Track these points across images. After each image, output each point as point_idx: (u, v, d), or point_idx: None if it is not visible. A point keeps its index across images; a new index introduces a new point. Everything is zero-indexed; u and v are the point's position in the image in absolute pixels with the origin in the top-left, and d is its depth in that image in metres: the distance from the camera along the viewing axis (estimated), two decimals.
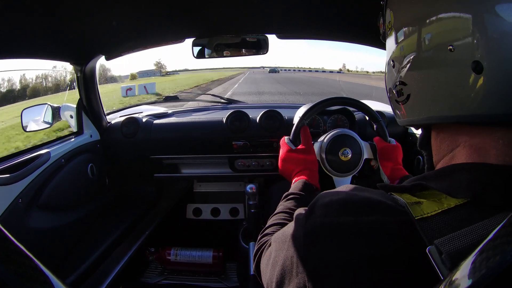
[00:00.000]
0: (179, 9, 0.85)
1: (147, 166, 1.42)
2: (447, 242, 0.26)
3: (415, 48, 0.35)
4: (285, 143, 0.84)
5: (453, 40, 0.30)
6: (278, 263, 0.40)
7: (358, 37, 1.14)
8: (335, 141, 0.93)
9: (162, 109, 1.67)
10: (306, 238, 0.35)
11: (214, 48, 1.12)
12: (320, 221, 0.34)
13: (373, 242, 0.30)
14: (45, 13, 0.72)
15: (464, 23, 0.30)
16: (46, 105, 1.25)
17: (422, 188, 0.33)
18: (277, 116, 1.31)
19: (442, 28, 0.32)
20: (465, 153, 0.33)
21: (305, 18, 0.96)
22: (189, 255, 1.46)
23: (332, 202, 0.35)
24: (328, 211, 0.34)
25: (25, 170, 0.96)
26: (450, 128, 0.35)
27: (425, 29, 0.33)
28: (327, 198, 0.36)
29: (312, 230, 0.35)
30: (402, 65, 0.37)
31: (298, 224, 0.38)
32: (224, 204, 1.85)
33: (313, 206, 0.37)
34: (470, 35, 0.29)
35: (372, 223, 0.31)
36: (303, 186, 0.69)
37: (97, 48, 1.17)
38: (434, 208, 0.30)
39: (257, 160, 1.38)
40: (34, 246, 0.97)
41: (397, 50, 0.39)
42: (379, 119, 0.96)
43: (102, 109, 1.39)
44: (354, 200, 0.34)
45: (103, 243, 1.20)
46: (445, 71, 0.32)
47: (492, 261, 0.18)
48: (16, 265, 0.16)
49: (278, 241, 0.43)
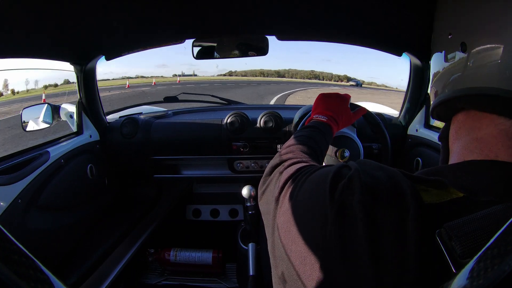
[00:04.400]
0: (180, 9, 0.85)
1: (147, 166, 1.42)
2: (457, 226, 0.26)
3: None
4: (350, 97, 0.81)
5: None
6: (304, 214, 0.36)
7: (358, 38, 1.14)
8: (334, 142, 0.94)
9: (161, 110, 1.67)
10: (337, 216, 0.31)
11: (214, 49, 1.12)
12: (357, 199, 0.31)
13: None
14: (45, 13, 0.72)
15: None
16: (46, 104, 1.25)
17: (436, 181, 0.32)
18: (277, 117, 1.31)
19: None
20: (478, 148, 0.33)
21: (305, 19, 0.96)
22: (189, 256, 1.46)
23: (373, 184, 0.32)
24: (366, 192, 0.31)
25: (24, 170, 0.96)
26: (467, 120, 0.36)
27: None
28: (369, 177, 0.33)
29: (344, 208, 0.31)
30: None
31: (332, 191, 0.33)
32: (224, 205, 1.85)
33: (352, 180, 0.33)
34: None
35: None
36: (323, 126, 0.67)
37: (97, 48, 1.17)
38: (442, 197, 0.30)
39: (257, 161, 1.38)
40: (34, 246, 0.97)
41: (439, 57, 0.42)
42: (378, 121, 0.96)
43: (102, 109, 1.39)
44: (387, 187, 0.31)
45: (103, 243, 1.20)
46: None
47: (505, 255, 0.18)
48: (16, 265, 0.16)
49: (308, 185, 0.38)
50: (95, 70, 1.29)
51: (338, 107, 0.75)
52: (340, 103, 0.77)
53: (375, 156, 1.07)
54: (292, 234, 0.35)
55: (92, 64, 1.25)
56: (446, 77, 0.38)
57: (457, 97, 0.35)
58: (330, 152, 0.93)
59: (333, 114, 0.72)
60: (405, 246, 0.28)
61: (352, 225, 0.30)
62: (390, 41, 1.09)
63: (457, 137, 0.38)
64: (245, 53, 1.13)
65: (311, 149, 0.57)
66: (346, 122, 0.77)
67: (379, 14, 0.87)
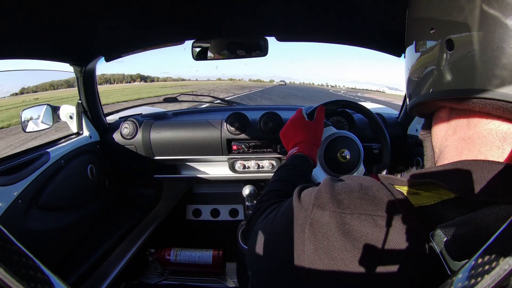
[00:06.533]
0: (179, 10, 0.85)
1: (147, 167, 1.42)
2: (450, 227, 0.25)
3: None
4: (301, 111, 0.83)
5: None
6: (279, 242, 0.39)
7: (358, 40, 1.14)
8: (334, 143, 0.94)
9: (161, 110, 1.68)
10: (311, 228, 0.33)
11: (214, 50, 1.12)
12: (329, 215, 0.32)
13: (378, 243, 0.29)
14: (45, 14, 0.72)
15: None
16: (46, 105, 1.25)
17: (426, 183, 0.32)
18: (276, 118, 1.31)
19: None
20: (467, 149, 0.33)
21: (304, 20, 0.96)
22: (189, 255, 1.46)
23: (341, 196, 0.33)
24: (337, 205, 0.33)
25: (25, 171, 0.96)
26: (452, 118, 0.36)
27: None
28: (338, 190, 0.34)
29: (318, 222, 0.33)
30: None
31: (303, 208, 0.36)
32: (224, 205, 1.85)
33: (321, 194, 0.35)
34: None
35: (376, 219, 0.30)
36: (300, 160, 0.69)
37: (97, 49, 1.17)
38: (433, 199, 0.30)
39: (257, 162, 1.38)
40: (34, 246, 0.97)
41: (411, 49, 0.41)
42: (378, 121, 0.96)
43: (102, 109, 1.39)
44: (364, 198, 0.32)
45: (103, 244, 1.20)
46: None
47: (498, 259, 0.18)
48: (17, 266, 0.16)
49: (279, 217, 0.41)
50: (95, 71, 1.29)
51: (298, 132, 0.78)
52: (297, 127, 0.79)
53: (375, 156, 1.07)
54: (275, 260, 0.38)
55: (92, 65, 1.25)
56: (427, 75, 0.35)
57: (443, 98, 0.34)
58: (331, 154, 0.93)
59: (299, 141, 0.75)
60: (392, 253, 0.29)
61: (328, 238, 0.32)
62: (390, 42, 1.09)
63: (443, 135, 0.37)
64: (244, 54, 1.13)
65: (282, 186, 0.60)
66: (315, 135, 0.78)
67: (379, 15, 0.88)
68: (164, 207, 1.66)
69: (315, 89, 42.55)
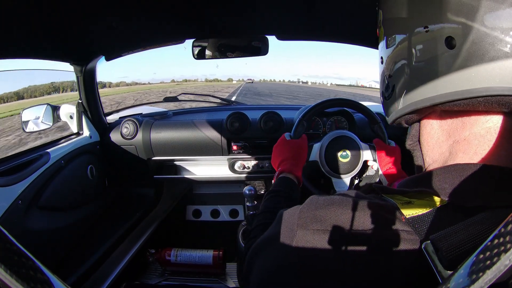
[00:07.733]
0: (180, 10, 0.85)
1: (147, 167, 1.42)
2: (443, 237, 0.25)
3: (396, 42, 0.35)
4: (283, 135, 0.86)
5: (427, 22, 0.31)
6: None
7: (358, 39, 1.14)
8: (334, 143, 0.94)
9: (161, 110, 1.67)
10: (300, 250, 0.33)
11: (214, 49, 1.12)
12: (312, 234, 0.32)
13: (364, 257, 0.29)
14: (45, 13, 0.72)
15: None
16: (46, 105, 1.25)
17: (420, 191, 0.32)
18: (277, 118, 1.31)
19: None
20: (462, 151, 0.32)
21: (305, 19, 0.96)
22: (189, 256, 1.46)
23: (321, 217, 0.33)
24: (320, 224, 0.32)
25: (25, 171, 0.96)
26: (444, 122, 0.34)
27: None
28: (318, 211, 0.34)
29: (303, 241, 0.33)
30: (386, 59, 0.38)
31: (287, 230, 0.35)
32: (224, 206, 1.84)
33: (303, 215, 0.34)
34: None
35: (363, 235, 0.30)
36: (284, 182, 0.70)
37: (97, 49, 1.17)
38: (426, 207, 0.29)
39: (257, 162, 1.38)
40: (35, 247, 0.97)
41: (382, 46, 0.39)
42: (378, 120, 0.96)
43: (102, 109, 1.39)
44: (341, 219, 0.32)
45: (103, 244, 1.20)
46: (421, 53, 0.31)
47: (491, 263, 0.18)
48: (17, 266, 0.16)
49: (264, 243, 0.41)
50: (95, 70, 1.29)
51: (280, 152, 0.80)
52: (279, 148, 0.81)
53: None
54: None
55: (92, 65, 1.25)
56: (423, 78, 0.32)
57: (442, 102, 0.31)
58: (331, 154, 0.93)
59: (281, 160, 0.77)
60: (381, 265, 0.28)
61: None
62: None
63: (434, 142, 0.36)
64: (245, 53, 1.13)
65: (269, 217, 0.60)
66: (297, 151, 0.80)
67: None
68: (164, 207, 1.66)
69: (285, 85, 42.93)
